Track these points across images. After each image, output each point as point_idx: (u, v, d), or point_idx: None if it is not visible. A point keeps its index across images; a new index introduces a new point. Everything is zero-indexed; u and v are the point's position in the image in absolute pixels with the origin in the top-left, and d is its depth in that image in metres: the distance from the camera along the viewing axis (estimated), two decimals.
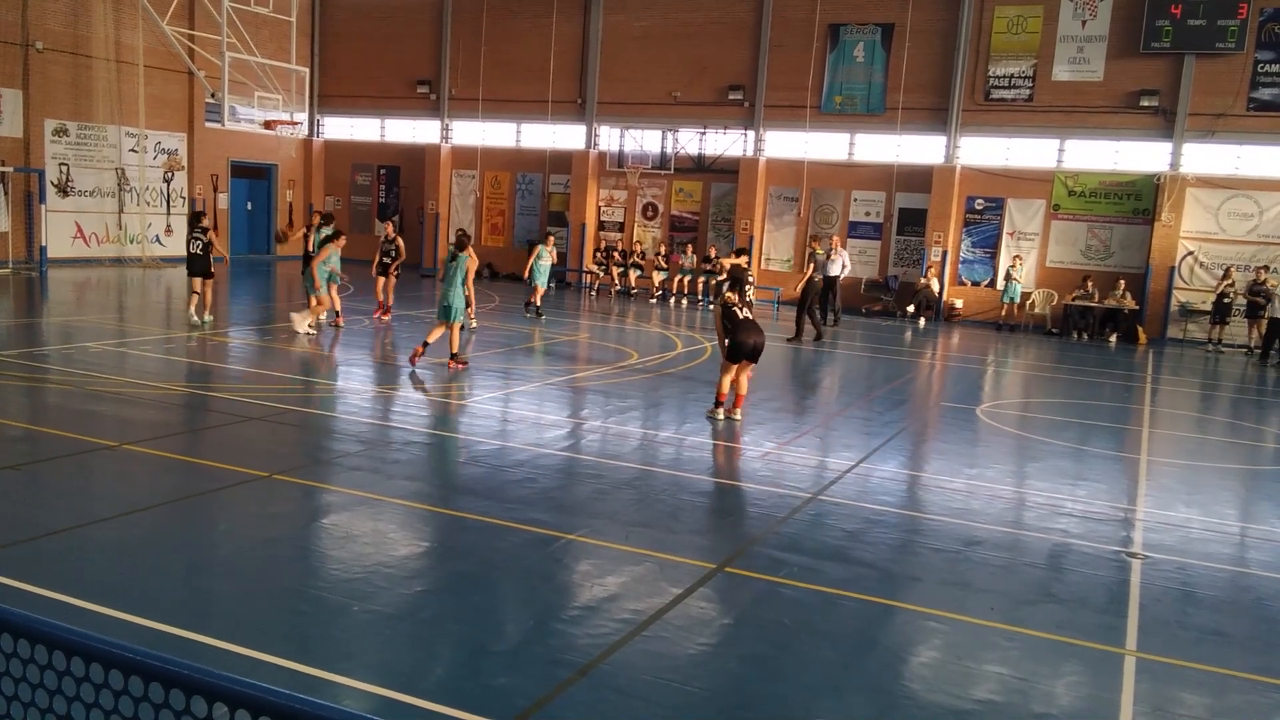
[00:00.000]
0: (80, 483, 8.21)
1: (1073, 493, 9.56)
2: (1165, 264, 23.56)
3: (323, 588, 6.16)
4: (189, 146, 29.43)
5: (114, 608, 5.57)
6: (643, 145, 28.68)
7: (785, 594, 6.52)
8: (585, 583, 6.55)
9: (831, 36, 26.40)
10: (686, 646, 5.61)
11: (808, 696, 5.12)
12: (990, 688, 5.34)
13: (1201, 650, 6.00)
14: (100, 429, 9.71)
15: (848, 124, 26.70)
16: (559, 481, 9.06)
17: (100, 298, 21.18)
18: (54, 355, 13.73)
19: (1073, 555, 7.65)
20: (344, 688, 4.90)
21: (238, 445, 9.61)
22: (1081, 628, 6.21)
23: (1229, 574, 7.54)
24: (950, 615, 6.30)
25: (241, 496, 7.96)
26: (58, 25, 25.68)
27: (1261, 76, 22.57)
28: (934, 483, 9.81)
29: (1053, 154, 24.94)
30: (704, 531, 8.06)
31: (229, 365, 14.20)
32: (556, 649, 5.45)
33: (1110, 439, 12.50)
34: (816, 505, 8.60)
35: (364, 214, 33.58)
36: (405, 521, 7.61)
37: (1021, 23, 24.55)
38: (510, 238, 31.19)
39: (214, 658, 5.02)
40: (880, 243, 26.57)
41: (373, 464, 9.06)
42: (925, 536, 7.98)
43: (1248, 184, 22.99)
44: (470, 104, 30.97)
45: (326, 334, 17.03)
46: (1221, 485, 10.52)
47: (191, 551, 6.76)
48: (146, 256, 27.45)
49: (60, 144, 26.08)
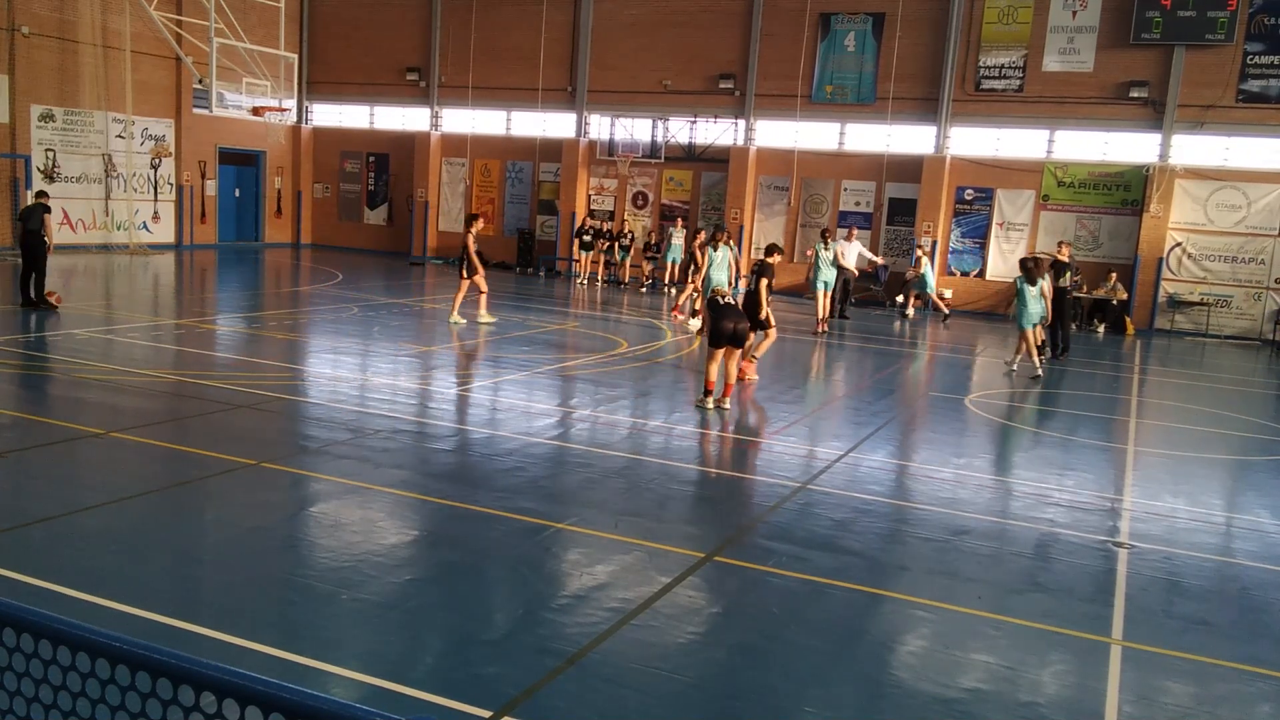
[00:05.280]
0: (67, 470, 8.17)
1: (1060, 482, 9.59)
2: (1154, 255, 23.63)
3: (311, 576, 6.15)
4: (177, 133, 29.26)
5: (101, 596, 5.55)
6: (633, 134, 28.61)
7: (774, 583, 6.53)
8: (574, 572, 6.55)
9: (823, 25, 26.36)
10: (675, 635, 5.62)
11: (796, 685, 5.14)
12: (977, 676, 5.37)
13: (1187, 639, 6.03)
14: (87, 416, 9.67)
15: (838, 113, 26.69)
16: (548, 470, 9.05)
17: (87, 284, 21.06)
18: (40, 342, 13.64)
19: (1060, 545, 7.69)
20: (332, 676, 4.90)
21: (226, 433, 9.57)
22: (1068, 617, 6.24)
23: (1215, 564, 7.58)
24: (938, 604, 6.32)
25: (230, 484, 7.93)
26: (44, 9, 25.46)
27: (1251, 68, 22.63)
28: (922, 472, 9.84)
29: (1042, 145, 24.98)
30: (693, 520, 8.07)
31: (233, 355, 14.14)
32: (545, 638, 5.46)
33: (1097, 429, 12.55)
34: (805, 494, 8.62)
35: (353, 201, 33.46)
36: (394, 510, 7.60)
37: (1012, 13, 24.55)
38: (500, 226, 31.12)
39: (202, 646, 5.00)
40: (870, 232, 26.59)
41: (361, 452, 9.04)
42: (913, 526, 8.01)
43: (1236, 175, 23.06)
44: (460, 91, 30.86)
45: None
46: (1208, 475, 10.58)
47: (179, 540, 6.74)
48: (133, 243, 27.29)
49: (46, 129, 25.88)
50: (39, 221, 16.20)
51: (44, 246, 16.07)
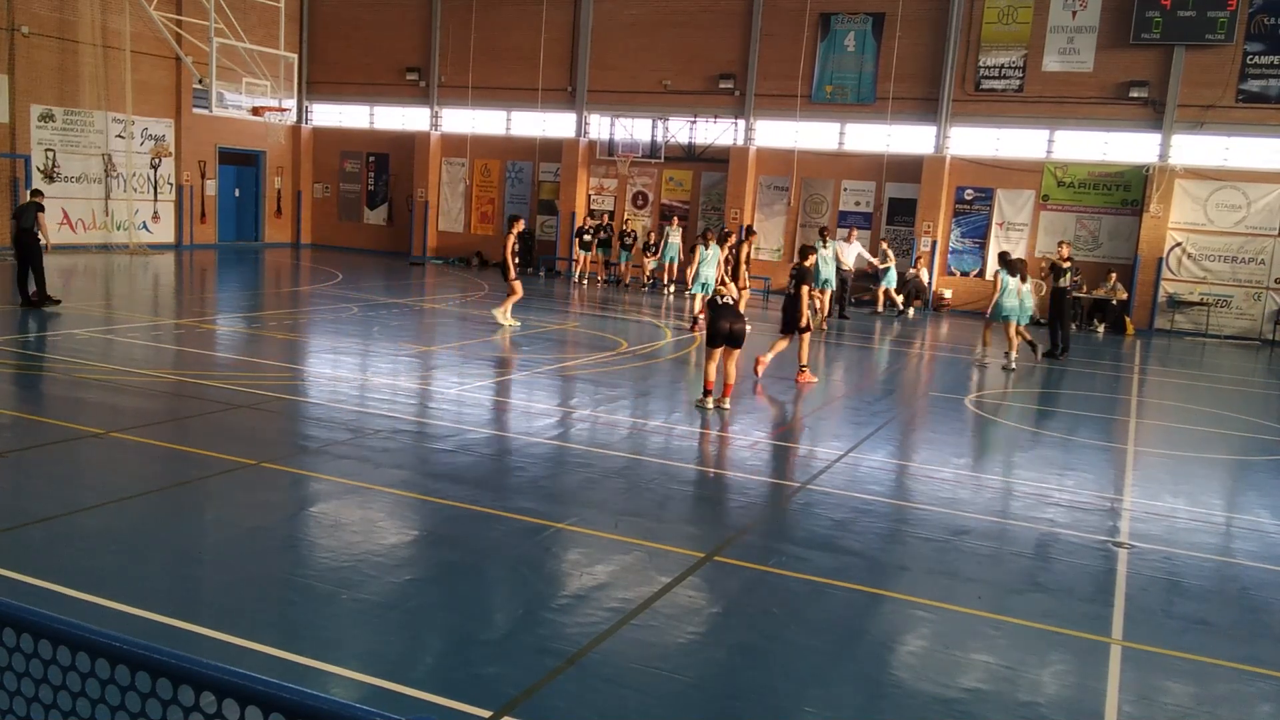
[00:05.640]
0: (67, 470, 8.17)
1: (1060, 482, 9.59)
2: (1154, 255, 23.63)
3: (311, 576, 6.15)
4: (176, 133, 29.25)
5: (101, 596, 5.55)
6: (633, 134, 28.60)
7: (774, 583, 6.53)
8: (574, 571, 6.55)
9: (822, 25, 26.36)
10: (675, 635, 5.62)
11: (796, 685, 5.13)
12: (977, 676, 5.37)
13: (1187, 639, 6.03)
14: (87, 416, 9.67)
15: (838, 113, 26.69)
16: (548, 470, 9.05)
17: (86, 284, 21.05)
18: (40, 342, 13.64)
19: (1060, 545, 7.69)
20: (332, 676, 4.90)
21: (226, 433, 9.57)
22: (1068, 617, 6.24)
23: (1215, 564, 7.58)
24: (938, 604, 6.32)
25: (230, 484, 7.93)
26: (44, 10, 25.45)
27: (1251, 68, 22.63)
28: (922, 472, 9.84)
29: (1042, 145, 24.98)
30: (693, 520, 8.07)
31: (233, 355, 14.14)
32: (545, 638, 5.45)
33: (1098, 429, 12.55)
34: (805, 494, 8.62)
35: (353, 201, 33.47)
36: (394, 510, 7.60)
37: (1012, 13, 24.55)
38: (500, 226, 31.12)
39: (202, 646, 5.00)
40: (870, 232, 26.58)
41: (361, 452, 9.04)
42: (913, 526, 8.01)
43: (1236, 175, 23.06)
44: (460, 91, 30.86)
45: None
46: (1208, 475, 10.58)
47: (179, 540, 6.74)
48: (133, 243, 27.29)
49: (46, 129, 25.88)
50: (32, 220, 16.20)
51: (38, 245, 16.07)
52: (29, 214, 16.35)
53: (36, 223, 16.16)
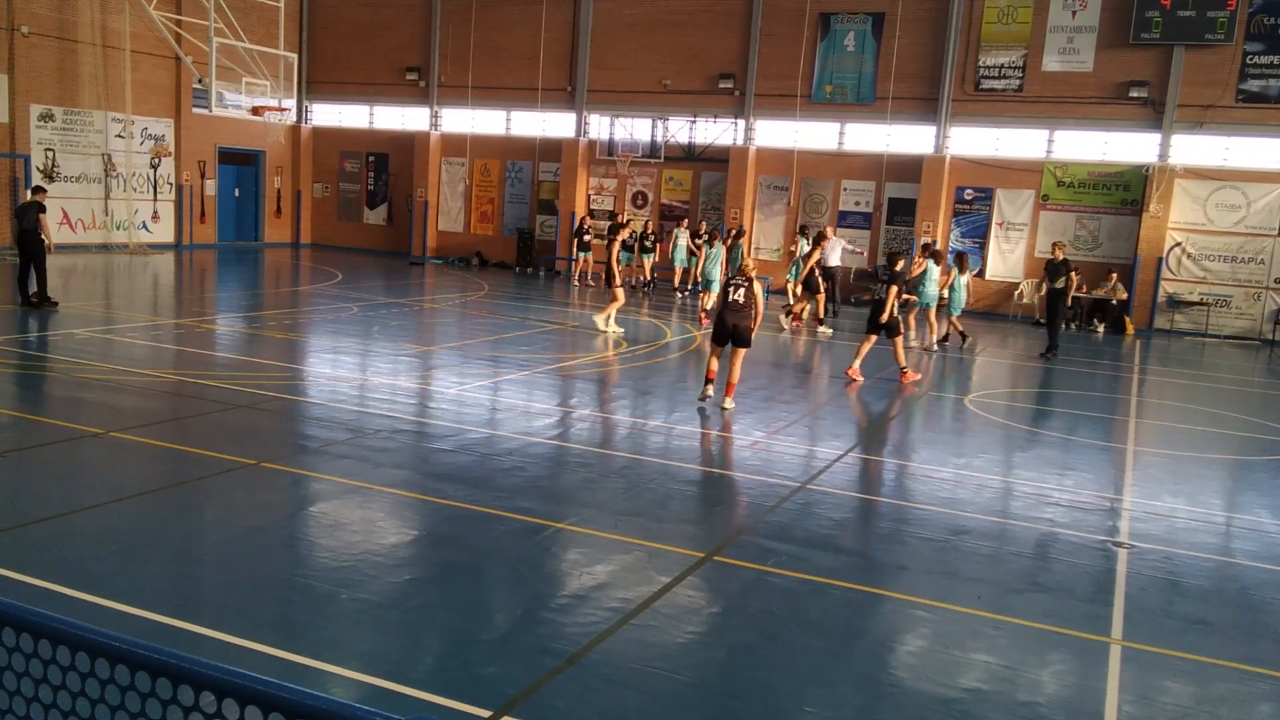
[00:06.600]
0: (67, 470, 8.17)
1: (1060, 482, 9.59)
2: (1153, 255, 23.63)
3: (311, 576, 6.15)
4: (176, 132, 29.24)
5: (100, 596, 5.55)
6: (633, 134, 28.60)
7: (774, 583, 6.53)
8: (574, 571, 6.55)
9: (822, 25, 26.36)
10: (675, 635, 5.62)
11: (796, 685, 5.13)
12: (977, 676, 5.37)
13: (1187, 639, 6.03)
14: (87, 416, 9.66)
15: (838, 113, 26.68)
16: (548, 470, 9.05)
17: (86, 284, 21.05)
18: (40, 342, 13.64)
19: (1059, 545, 7.69)
20: (332, 676, 4.90)
21: (226, 432, 9.57)
22: (1068, 617, 6.24)
23: (1214, 564, 7.58)
24: (937, 604, 6.32)
25: (230, 484, 7.93)
26: (44, 9, 25.44)
27: (1250, 68, 22.62)
28: (922, 472, 9.84)
29: (1042, 144, 24.97)
30: (693, 520, 8.07)
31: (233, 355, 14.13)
32: (545, 638, 5.45)
33: (1097, 429, 12.55)
34: (805, 494, 8.62)
35: (353, 201, 33.46)
36: (394, 510, 7.60)
37: (1012, 13, 24.55)
38: (499, 226, 31.13)
39: (202, 646, 5.00)
40: (870, 232, 26.59)
41: (361, 452, 9.04)
42: (913, 525, 8.01)
43: (1236, 175, 23.06)
44: (460, 91, 30.85)
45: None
46: (1208, 475, 10.58)
47: (179, 540, 6.74)
48: (133, 243, 27.28)
49: (46, 129, 25.87)
50: (33, 220, 16.19)
51: (41, 245, 16.07)
52: (30, 214, 16.34)
53: (38, 223, 16.16)
